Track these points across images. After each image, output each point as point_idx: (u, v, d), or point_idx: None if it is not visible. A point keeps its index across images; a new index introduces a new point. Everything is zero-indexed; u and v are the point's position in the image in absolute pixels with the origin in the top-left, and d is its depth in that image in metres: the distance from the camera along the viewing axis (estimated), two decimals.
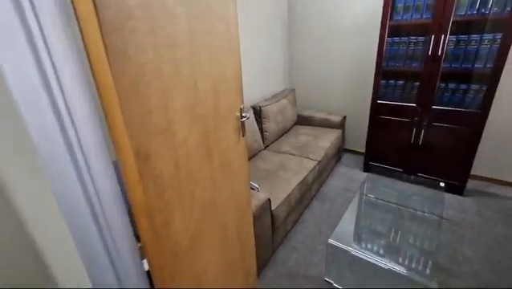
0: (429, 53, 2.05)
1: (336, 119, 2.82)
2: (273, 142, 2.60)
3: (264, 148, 2.48)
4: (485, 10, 1.85)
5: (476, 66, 1.98)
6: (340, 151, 2.98)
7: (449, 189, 2.26)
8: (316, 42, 2.93)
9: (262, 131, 2.45)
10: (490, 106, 1.94)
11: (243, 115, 1.16)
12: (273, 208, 1.66)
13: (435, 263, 1.63)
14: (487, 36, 1.88)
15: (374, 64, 2.30)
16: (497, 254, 1.69)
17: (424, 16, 2.04)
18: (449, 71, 2.07)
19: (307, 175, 2.05)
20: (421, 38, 2.11)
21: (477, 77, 2.01)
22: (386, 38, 2.19)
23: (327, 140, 2.54)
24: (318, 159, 2.24)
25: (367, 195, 2.31)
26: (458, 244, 1.80)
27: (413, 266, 1.64)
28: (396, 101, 2.33)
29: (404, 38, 2.18)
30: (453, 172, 2.25)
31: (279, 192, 1.79)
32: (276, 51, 2.97)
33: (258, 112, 2.42)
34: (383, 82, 2.38)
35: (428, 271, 1.60)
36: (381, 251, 1.77)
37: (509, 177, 2.34)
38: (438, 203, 2.20)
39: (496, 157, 2.33)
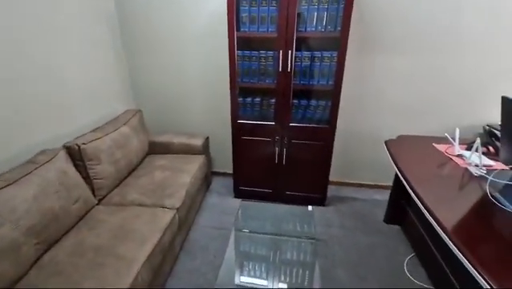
0: (280, 69, 1.91)
1: (198, 142, 2.39)
2: (114, 189, 1.87)
3: (98, 203, 1.72)
4: (322, 28, 1.85)
5: (320, 82, 2.00)
6: (208, 177, 2.59)
7: (314, 202, 2.28)
8: (166, 53, 2.38)
9: (89, 180, 1.68)
10: (336, 120, 2.01)
11: None
12: None
13: None
14: (327, 54, 1.90)
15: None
16: (363, 270, 1.72)
17: (269, 30, 1.88)
18: (300, 87, 2.02)
19: (163, 236, 1.49)
20: (270, 53, 1.95)
21: (324, 93, 2.05)
22: (236, 51, 1.91)
23: (188, 173, 2.06)
24: (177, 206, 1.72)
25: (242, 231, 2.00)
26: (332, 267, 1.74)
27: None
28: (256, 120, 2.13)
29: (255, 53, 1.97)
30: (315, 186, 2.27)
31: (113, 282, 1.16)
32: (107, 65, 2.22)
33: (76, 155, 1.63)
34: (240, 99, 2.12)
35: None
36: None
37: (353, 178, 2.62)
38: (308, 223, 2.17)
39: (342, 163, 2.54)
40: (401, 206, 2.00)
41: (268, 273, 1.64)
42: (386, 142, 1.78)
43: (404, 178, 1.39)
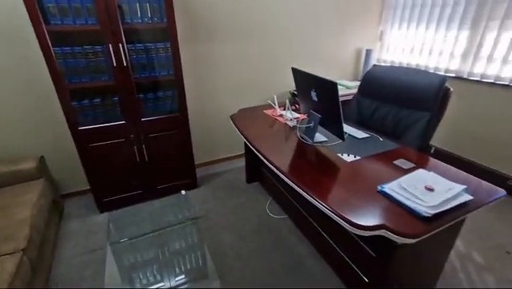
0: (114, 64, 1.81)
1: (30, 166, 1.92)
2: None
3: None
4: (148, 20, 1.87)
5: (162, 73, 2.05)
6: (58, 202, 2.16)
7: (187, 187, 2.41)
8: None
9: None
10: (186, 108, 2.15)
11: None
12: None
13: (210, 264, 1.67)
14: (160, 45, 1.95)
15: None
16: (240, 226, 2.04)
17: (89, 22, 1.71)
18: (142, 81, 2.00)
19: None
20: (98, 48, 1.80)
21: (167, 83, 2.11)
22: (52, 48, 1.63)
23: (26, 206, 1.66)
24: (22, 246, 1.39)
25: (119, 242, 1.87)
26: (217, 235, 1.97)
27: (193, 277, 1.58)
28: (102, 123, 1.95)
29: (78, 48, 1.75)
30: (184, 172, 2.39)
31: None
32: None
33: None
34: (75, 103, 1.86)
35: (208, 274, 1.62)
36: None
37: (217, 156, 2.93)
38: (187, 206, 2.29)
39: (204, 145, 2.77)
40: (255, 166, 2.46)
41: (162, 273, 1.64)
42: (231, 117, 2.11)
43: (249, 142, 1.74)
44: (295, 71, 1.65)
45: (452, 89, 1.54)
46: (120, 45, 1.78)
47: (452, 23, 2.41)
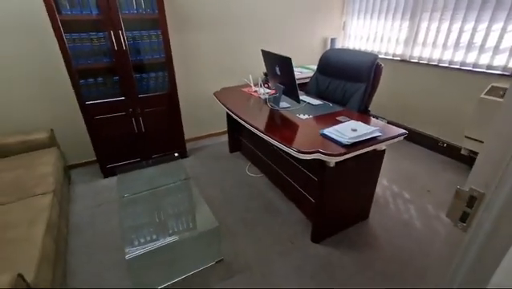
0: (115, 48, 2.17)
1: (41, 136, 2.26)
2: None
3: None
4: (142, 10, 2.24)
5: (154, 56, 2.42)
6: (66, 171, 2.51)
7: (179, 156, 2.81)
8: None
9: None
10: (176, 87, 2.54)
11: None
12: (30, 279, 1.17)
13: (208, 213, 2.10)
14: (153, 32, 2.33)
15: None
16: (223, 184, 2.47)
17: (93, 12, 2.06)
18: (138, 63, 2.37)
19: (51, 214, 1.58)
20: (101, 34, 2.15)
21: (159, 66, 2.49)
22: (64, 34, 1.98)
23: (46, 165, 2.01)
24: (52, 188, 1.77)
25: (124, 196, 2.26)
26: (204, 191, 2.39)
27: (186, 228, 1.99)
28: (105, 98, 2.31)
29: (84, 35, 2.10)
30: (175, 144, 2.78)
31: (24, 257, 1.26)
32: None
33: None
34: (82, 82, 2.21)
35: (195, 225, 2.04)
36: (154, 236, 1.92)
37: (204, 132, 3.33)
38: (179, 169, 2.69)
39: (193, 122, 3.16)
40: (236, 137, 2.89)
41: (161, 218, 2.01)
42: (214, 93, 2.52)
43: (231, 111, 2.16)
44: (264, 52, 2.08)
45: (383, 65, 2.02)
46: (120, 31, 2.14)
47: (397, 14, 2.92)
